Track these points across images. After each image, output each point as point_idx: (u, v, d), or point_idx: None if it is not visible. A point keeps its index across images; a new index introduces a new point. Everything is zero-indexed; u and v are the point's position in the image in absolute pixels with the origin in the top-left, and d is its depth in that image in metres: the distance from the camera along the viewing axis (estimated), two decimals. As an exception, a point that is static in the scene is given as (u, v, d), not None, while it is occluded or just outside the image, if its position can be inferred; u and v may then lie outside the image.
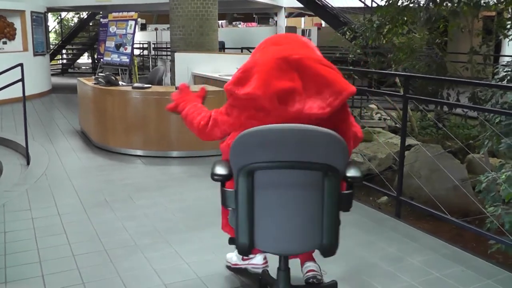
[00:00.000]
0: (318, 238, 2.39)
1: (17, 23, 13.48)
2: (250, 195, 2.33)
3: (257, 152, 2.28)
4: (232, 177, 2.41)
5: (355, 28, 9.12)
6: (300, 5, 14.50)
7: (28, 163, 6.95)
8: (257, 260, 3.51)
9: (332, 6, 13.27)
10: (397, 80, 9.30)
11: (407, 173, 6.14)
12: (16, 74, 6.78)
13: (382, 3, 8.27)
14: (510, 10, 7.02)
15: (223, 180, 2.44)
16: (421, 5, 7.27)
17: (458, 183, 5.92)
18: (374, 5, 11.46)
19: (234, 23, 22.67)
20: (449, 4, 6.91)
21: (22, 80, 6.81)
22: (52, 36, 25.55)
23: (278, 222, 2.42)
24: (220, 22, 14.47)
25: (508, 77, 5.52)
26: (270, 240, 2.45)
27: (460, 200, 6.20)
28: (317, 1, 13.33)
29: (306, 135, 2.27)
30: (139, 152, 7.14)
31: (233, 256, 3.69)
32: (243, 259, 3.60)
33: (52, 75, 17.05)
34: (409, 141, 7.85)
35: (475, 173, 7.03)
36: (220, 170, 2.42)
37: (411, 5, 7.20)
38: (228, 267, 3.69)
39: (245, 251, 2.46)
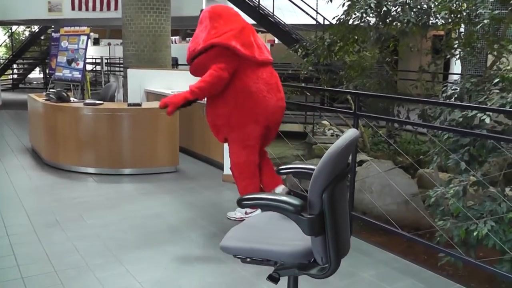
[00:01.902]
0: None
1: (-35, 37, 13.16)
2: (335, 214, 2.27)
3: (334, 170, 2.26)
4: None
5: (307, 45, 9.22)
6: (254, 22, 14.60)
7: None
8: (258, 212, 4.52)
9: (284, 23, 13.39)
10: (349, 97, 9.44)
11: (358, 188, 6.22)
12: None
13: (333, 21, 8.39)
14: (457, 31, 7.21)
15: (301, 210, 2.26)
16: (371, 24, 7.40)
17: (409, 197, 6.02)
18: (326, 22, 11.63)
19: (187, 39, 22.64)
20: (398, 24, 7.06)
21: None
22: (2, 50, 25.07)
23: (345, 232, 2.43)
24: (173, 38, 14.45)
25: (456, 95, 5.67)
26: (346, 249, 2.46)
27: (411, 214, 6.31)
28: (270, 18, 13.44)
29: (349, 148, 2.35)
30: (90, 170, 7.05)
31: (236, 213, 5.22)
32: (246, 213, 5.08)
33: (2, 90, 16.68)
34: (361, 156, 7.95)
35: (425, 188, 7.16)
36: (296, 200, 2.24)
37: (361, 24, 7.32)
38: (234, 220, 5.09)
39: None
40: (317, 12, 12.55)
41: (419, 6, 6.66)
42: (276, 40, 19.04)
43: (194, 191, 6.27)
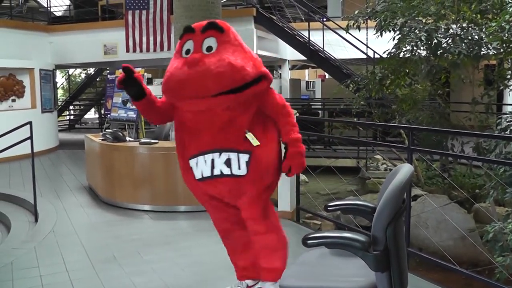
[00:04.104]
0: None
1: (26, 81, 13.70)
2: (398, 250, 2.26)
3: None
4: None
5: (358, 80, 9.24)
6: (304, 58, 14.71)
7: (36, 220, 6.99)
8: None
9: (335, 58, 13.46)
10: (402, 130, 9.37)
11: (414, 223, 6.14)
12: (24, 131, 6.90)
13: (384, 55, 8.40)
14: (509, 61, 7.13)
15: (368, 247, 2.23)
16: (422, 57, 7.39)
17: (466, 233, 5.91)
18: (377, 56, 11.63)
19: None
20: (449, 56, 7.03)
21: (30, 138, 6.92)
22: (60, 92, 25.89)
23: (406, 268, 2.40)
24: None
25: (511, 127, 5.57)
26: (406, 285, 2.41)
27: (468, 250, 6.18)
28: (320, 54, 13.53)
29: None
30: (146, 207, 7.17)
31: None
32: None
33: (60, 131, 17.21)
34: (415, 191, 7.86)
35: (482, 223, 7.01)
36: (363, 236, 2.22)
37: (412, 57, 7.31)
38: None
39: None
40: (367, 46, 12.57)
41: (470, 37, 6.62)
42: (327, 76, 19.12)
43: (249, 227, 6.28)
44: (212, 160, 3.57)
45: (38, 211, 7.10)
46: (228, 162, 3.55)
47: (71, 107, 25.16)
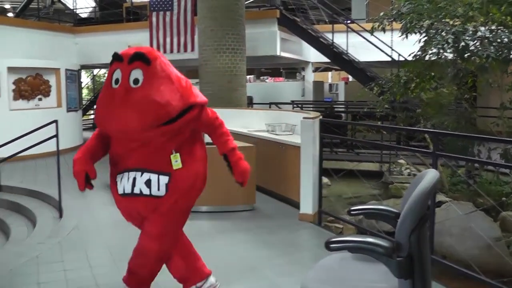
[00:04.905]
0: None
1: (52, 80, 13.85)
2: (422, 257, 2.19)
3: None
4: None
5: (383, 83, 9.14)
6: (327, 60, 14.66)
7: (60, 216, 7.08)
8: None
9: (358, 61, 13.38)
10: (426, 135, 9.26)
11: (438, 230, 6.04)
12: (50, 129, 6.97)
13: (409, 58, 8.30)
14: (540, 65, 7.01)
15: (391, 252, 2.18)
16: (449, 60, 7.28)
17: (491, 242, 5.79)
18: (401, 59, 11.53)
19: (261, 77, 22.93)
20: (477, 59, 6.92)
21: (56, 136, 6.99)
22: (84, 91, 26.13)
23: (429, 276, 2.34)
24: (248, 77, 14.66)
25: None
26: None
27: (494, 259, 6.05)
28: (344, 56, 13.46)
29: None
30: (168, 207, 7.15)
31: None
32: None
33: (84, 129, 17.34)
34: (440, 197, 7.74)
35: (509, 232, 6.88)
36: (386, 242, 2.17)
37: (438, 60, 7.20)
38: None
39: None
40: (392, 49, 12.47)
41: (499, 40, 6.51)
42: (350, 78, 19.03)
43: (270, 229, 6.24)
44: (134, 179, 3.64)
45: (62, 208, 7.18)
46: (148, 183, 3.61)
47: (95, 106, 25.37)
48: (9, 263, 5.20)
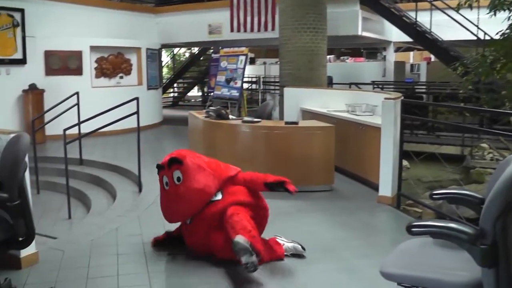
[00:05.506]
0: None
1: (133, 59, 14.26)
2: (508, 246, 2.12)
3: None
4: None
5: (467, 63, 8.83)
6: (409, 39, 14.30)
7: (140, 190, 7.33)
8: None
9: (442, 40, 12.97)
10: (512, 119, 8.92)
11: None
12: (131, 106, 7.18)
13: (497, 37, 7.97)
14: None
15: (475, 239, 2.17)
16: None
17: None
18: (488, 38, 11.09)
19: (342, 57, 22.66)
20: None
21: (137, 113, 7.19)
22: (164, 70, 26.66)
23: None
24: (328, 57, 14.53)
25: None
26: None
27: None
28: (427, 35, 13.09)
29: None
30: (246, 185, 7.23)
31: None
32: None
33: (163, 107, 17.75)
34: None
35: None
36: (470, 228, 2.16)
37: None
38: None
39: None
40: (478, 28, 12.00)
41: None
42: (433, 58, 18.51)
43: (349, 210, 6.23)
44: None
45: (142, 182, 7.41)
46: None
47: (175, 85, 25.88)
48: (90, 234, 5.43)
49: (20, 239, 3.38)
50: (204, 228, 4.57)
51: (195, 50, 26.22)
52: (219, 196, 4.63)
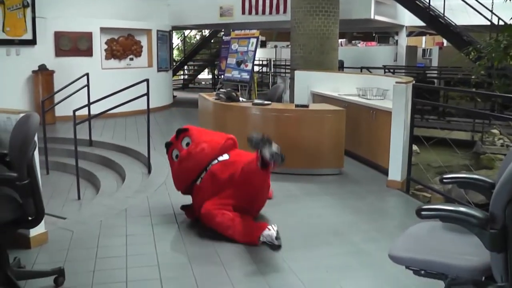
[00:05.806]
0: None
1: (143, 41, 14.22)
2: None
3: None
4: None
5: (481, 48, 8.74)
6: (422, 24, 14.17)
7: (149, 172, 7.32)
8: None
9: (455, 24, 12.84)
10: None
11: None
12: (141, 88, 7.17)
13: (511, 22, 7.88)
14: None
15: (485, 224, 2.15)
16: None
17: None
18: (501, 23, 10.97)
19: (353, 42, 22.53)
20: None
21: (147, 94, 7.18)
22: (175, 52, 26.63)
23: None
24: (339, 40, 14.45)
25: None
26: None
27: None
28: (440, 20, 12.96)
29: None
30: (255, 168, 7.23)
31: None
32: None
33: (174, 89, 17.74)
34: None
35: None
36: (481, 213, 2.15)
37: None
38: None
39: None
40: (492, 12, 11.86)
41: None
42: (445, 43, 18.36)
43: (358, 194, 6.21)
44: None
45: (151, 164, 7.41)
46: None
47: (186, 67, 25.86)
48: (100, 214, 5.45)
49: (30, 218, 3.38)
50: (211, 186, 4.92)
51: (206, 32, 26.15)
52: (225, 156, 5.12)
